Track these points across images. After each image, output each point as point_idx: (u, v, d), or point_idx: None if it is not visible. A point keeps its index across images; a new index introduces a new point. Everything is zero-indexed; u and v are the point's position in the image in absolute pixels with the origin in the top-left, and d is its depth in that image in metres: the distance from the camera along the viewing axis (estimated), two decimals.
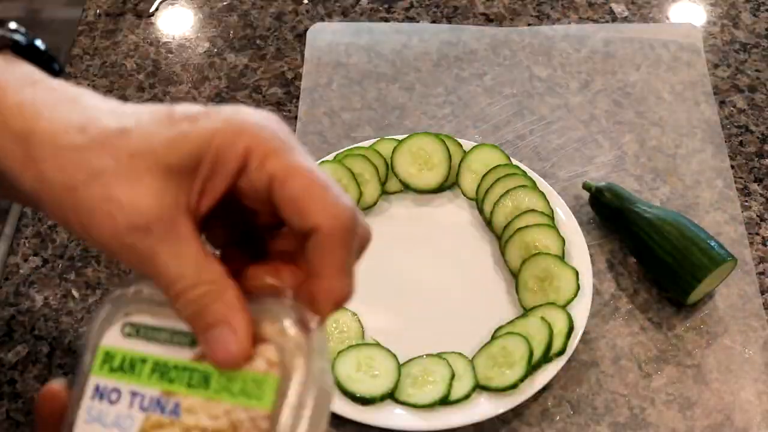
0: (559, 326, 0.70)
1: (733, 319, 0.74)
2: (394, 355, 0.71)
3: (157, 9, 0.99)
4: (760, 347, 0.73)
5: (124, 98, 0.91)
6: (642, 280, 0.77)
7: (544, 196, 0.77)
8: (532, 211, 0.76)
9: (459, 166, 0.81)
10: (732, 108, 0.88)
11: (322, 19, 0.96)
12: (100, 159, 0.40)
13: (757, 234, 0.79)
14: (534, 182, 0.78)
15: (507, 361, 0.69)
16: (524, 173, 0.79)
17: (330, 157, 0.81)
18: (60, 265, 0.79)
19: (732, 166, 0.83)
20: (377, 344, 0.72)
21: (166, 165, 0.40)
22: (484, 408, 0.68)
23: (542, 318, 0.70)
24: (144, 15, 0.98)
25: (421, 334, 0.73)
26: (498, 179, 0.78)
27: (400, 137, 0.81)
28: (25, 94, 0.42)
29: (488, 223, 0.79)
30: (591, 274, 0.74)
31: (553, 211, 0.77)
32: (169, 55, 0.94)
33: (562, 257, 0.74)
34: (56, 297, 0.77)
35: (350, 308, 0.73)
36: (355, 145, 0.82)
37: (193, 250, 0.40)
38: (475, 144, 0.81)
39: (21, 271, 0.79)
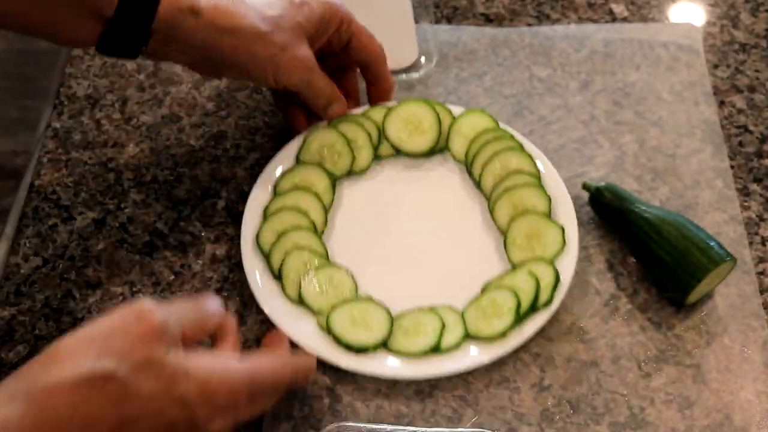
0: (546, 279, 0.73)
1: (732, 319, 0.74)
2: (387, 309, 0.73)
3: None
4: (760, 347, 0.73)
5: (124, 98, 0.91)
6: (641, 280, 0.77)
7: (531, 158, 0.80)
8: (520, 171, 0.79)
9: (449, 130, 0.83)
10: (731, 108, 0.88)
11: None
12: (282, 36, 0.74)
13: (757, 234, 0.79)
14: (521, 145, 0.81)
15: (496, 312, 0.72)
16: (511, 136, 0.81)
17: (324, 123, 0.83)
18: (60, 265, 0.79)
19: (731, 166, 0.84)
20: (370, 299, 0.74)
21: (308, 33, 0.76)
22: (474, 356, 0.71)
23: (530, 272, 0.73)
24: None
25: (412, 290, 0.75)
26: (486, 142, 0.81)
27: (390, 104, 0.84)
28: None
29: (477, 184, 0.81)
30: (576, 231, 0.76)
31: (539, 171, 0.79)
32: None
33: (548, 215, 0.77)
34: (57, 297, 0.77)
35: (344, 266, 0.75)
36: (350, 114, 0.84)
37: (327, 79, 0.79)
38: (464, 109, 0.84)
39: (22, 270, 0.79)
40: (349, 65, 0.84)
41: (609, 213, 0.78)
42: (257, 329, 0.75)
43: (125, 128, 0.89)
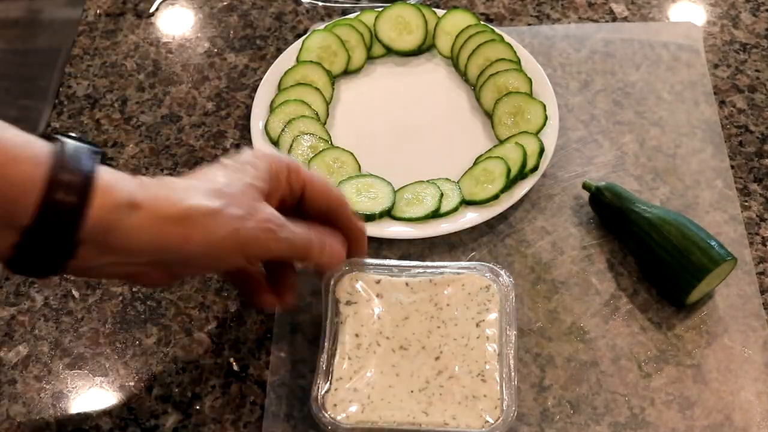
0: (532, 148, 0.80)
1: (732, 319, 0.74)
2: (390, 183, 0.80)
3: (157, 9, 0.99)
4: (760, 347, 0.73)
5: (124, 98, 0.91)
6: (642, 279, 0.77)
7: (511, 47, 0.88)
8: (502, 59, 0.87)
9: (435, 29, 0.91)
10: (732, 108, 0.88)
11: (322, 19, 0.96)
12: (236, 207, 0.58)
13: (757, 234, 0.79)
14: (502, 36, 0.89)
15: (488, 179, 0.79)
16: (493, 30, 0.89)
17: (321, 26, 0.91)
18: None
19: (732, 166, 0.84)
20: (373, 175, 0.81)
21: (262, 191, 0.61)
22: (471, 217, 0.78)
23: (516, 143, 0.81)
24: (144, 15, 0.98)
25: (410, 170, 0.82)
26: (470, 37, 0.88)
27: (380, 6, 0.93)
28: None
29: (463, 75, 0.89)
30: (557, 108, 0.84)
31: (519, 58, 0.87)
32: (169, 55, 0.94)
33: (530, 94, 0.85)
34: (56, 297, 0.77)
35: (345, 147, 0.83)
36: (344, 18, 0.93)
37: (303, 226, 0.63)
38: (447, 10, 0.92)
39: None
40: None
41: (609, 213, 0.78)
42: (256, 329, 0.75)
43: (125, 128, 0.89)
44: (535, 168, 0.80)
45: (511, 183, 0.79)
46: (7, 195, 0.50)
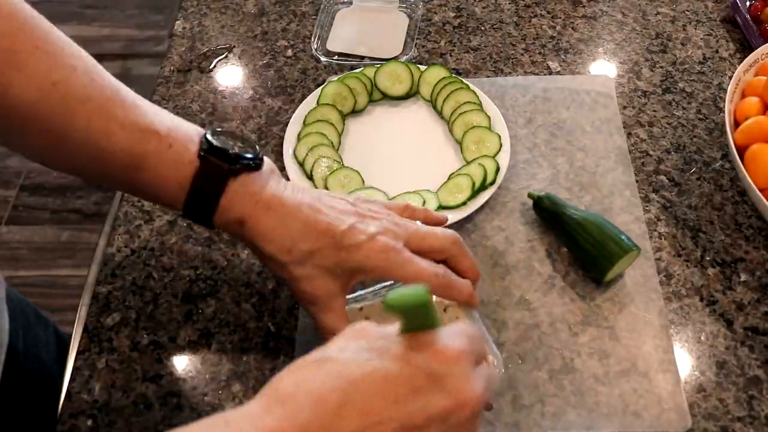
0: (490, 167, 0.80)
1: (637, 293, 0.74)
2: (385, 192, 0.80)
3: (215, 66, 0.98)
4: (657, 313, 0.72)
5: None
6: (572, 264, 0.76)
7: (475, 93, 0.87)
8: (468, 102, 0.86)
9: (418, 80, 0.90)
10: (636, 138, 0.87)
11: (335, 73, 0.95)
12: (297, 270, 0.58)
13: (655, 231, 0.79)
14: (468, 85, 0.88)
15: (458, 190, 0.79)
16: (461, 80, 0.88)
17: (335, 78, 0.90)
18: (143, 254, 0.79)
19: (636, 181, 0.83)
20: (373, 187, 0.80)
21: (333, 274, 0.59)
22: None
23: (479, 163, 0.80)
24: (205, 71, 0.98)
25: (401, 184, 0.82)
26: (445, 86, 0.88)
27: (378, 63, 0.92)
28: (258, 219, 0.59)
29: (440, 113, 0.88)
30: (508, 138, 0.83)
31: (481, 101, 0.87)
32: (224, 99, 0.94)
33: (489, 128, 0.84)
34: (141, 278, 0.77)
35: (353, 167, 0.81)
36: (352, 72, 0.91)
37: (336, 315, 0.59)
38: (427, 66, 0.91)
39: (115, 258, 0.78)
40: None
41: (548, 215, 0.78)
42: (287, 301, 0.74)
43: None
44: (493, 182, 0.79)
45: (475, 193, 0.78)
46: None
